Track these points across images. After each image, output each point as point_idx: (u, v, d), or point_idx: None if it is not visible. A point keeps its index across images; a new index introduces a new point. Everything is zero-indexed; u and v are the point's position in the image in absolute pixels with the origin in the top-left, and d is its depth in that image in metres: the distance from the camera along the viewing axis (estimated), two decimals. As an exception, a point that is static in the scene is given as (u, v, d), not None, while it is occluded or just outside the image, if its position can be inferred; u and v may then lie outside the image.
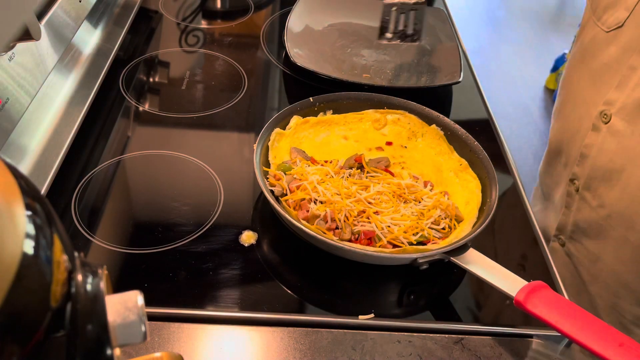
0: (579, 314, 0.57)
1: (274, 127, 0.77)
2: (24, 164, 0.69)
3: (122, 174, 0.78)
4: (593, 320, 0.56)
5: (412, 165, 0.79)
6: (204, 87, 0.95)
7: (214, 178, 0.77)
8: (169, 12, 1.14)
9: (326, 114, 0.83)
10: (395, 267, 0.68)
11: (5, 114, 0.65)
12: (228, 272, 0.65)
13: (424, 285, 0.68)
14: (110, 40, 0.96)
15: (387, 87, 0.92)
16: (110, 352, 0.26)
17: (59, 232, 0.28)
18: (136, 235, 0.69)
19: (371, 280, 0.67)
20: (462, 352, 0.60)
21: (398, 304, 0.66)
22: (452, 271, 0.69)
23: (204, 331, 0.59)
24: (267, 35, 1.10)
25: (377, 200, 0.70)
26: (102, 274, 0.28)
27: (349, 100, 0.83)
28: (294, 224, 0.64)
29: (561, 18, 3.59)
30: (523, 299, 0.57)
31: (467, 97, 0.99)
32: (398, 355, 0.59)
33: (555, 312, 0.56)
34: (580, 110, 0.86)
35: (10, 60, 0.66)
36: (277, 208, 0.66)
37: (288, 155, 0.76)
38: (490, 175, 0.73)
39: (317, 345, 0.59)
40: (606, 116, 0.80)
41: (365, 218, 0.67)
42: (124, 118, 0.87)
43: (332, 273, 0.67)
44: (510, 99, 2.85)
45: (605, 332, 0.54)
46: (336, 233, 0.67)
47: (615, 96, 0.78)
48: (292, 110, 0.80)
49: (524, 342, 0.62)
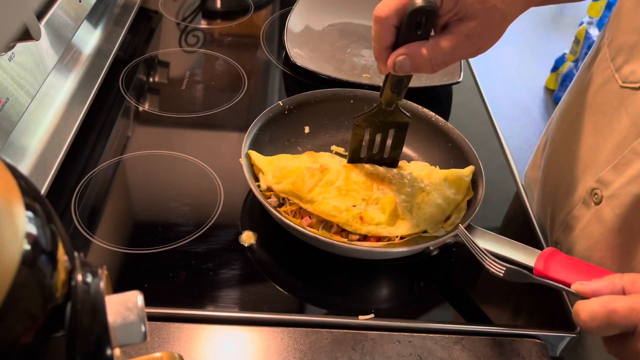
0: (596, 271, 0.58)
1: (249, 146, 0.75)
2: (24, 164, 0.69)
3: (122, 174, 0.78)
4: (608, 272, 0.57)
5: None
6: (203, 87, 0.95)
7: (214, 178, 0.77)
8: (169, 12, 1.14)
9: (304, 129, 0.82)
10: (395, 263, 0.68)
11: (5, 114, 0.65)
12: (228, 272, 0.65)
13: (425, 276, 0.68)
14: (110, 40, 0.96)
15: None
16: (110, 352, 0.26)
17: (59, 232, 0.28)
18: (136, 235, 0.69)
19: (372, 278, 0.67)
20: (462, 352, 0.60)
21: (400, 297, 0.67)
22: (450, 261, 0.69)
23: (204, 331, 0.59)
24: (267, 35, 1.10)
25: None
26: (102, 274, 0.28)
27: (317, 99, 0.82)
28: (301, 232, 0.65)
29: (561, 18, 3.59)
30: (543, 268, 0.59)
31: (467, 97, 0.99)
32: (398, 355, 0.59)
33: (574, 273, 0.57)
34: (577, 168, 0.72)
35: (10, 60, 0.66)
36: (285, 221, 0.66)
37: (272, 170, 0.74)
38: (473, 158, 0.75)
39: (317, 345, 0.59)
40: (597, 196, 0.67)
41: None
42: (124, 118, 0.87)
43: (332, 272, 0.67)
44: (510, 99, 2.85)
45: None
46: (343, 235, 0.68)
47: (610, 177, 0.64)
48: (266, 117, 0.78)
49: (524, 342, 0.62)
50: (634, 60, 0.62)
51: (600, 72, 0.69)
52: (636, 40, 0.62)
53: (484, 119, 0.94)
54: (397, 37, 0.58)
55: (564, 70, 2.83)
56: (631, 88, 0.62)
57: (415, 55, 0.57)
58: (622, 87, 0.64)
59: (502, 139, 0.90)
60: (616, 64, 0.65)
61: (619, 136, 0.63)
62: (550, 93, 2.93)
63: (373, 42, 0.59)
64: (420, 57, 0.57)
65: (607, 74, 0.67)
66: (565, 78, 2.80)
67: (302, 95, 0.82)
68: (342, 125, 0.83)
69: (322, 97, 0.83)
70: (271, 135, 0.78)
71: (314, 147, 0.81)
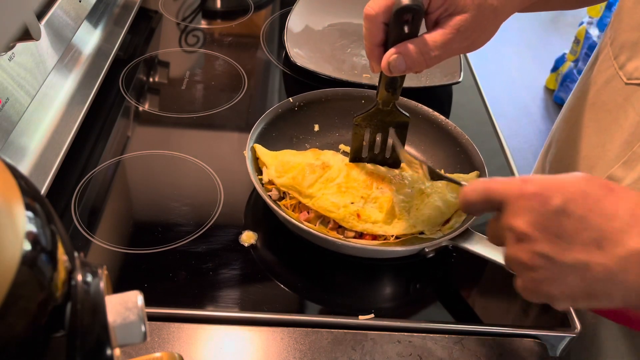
0: None
1: (255, 140, 0.75)
2: (24, 164, 0.69)
3: (122, 174, 0.78)
4: None
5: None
6: (203, 87, 0.95)
7: (214, 178, 0.77)
8: (169, 12, 1.14)
9: (314, 127, 0.82)
10: (394, 263, 0.68)
11: (5, 114, 0.65)
12: (228, 272, 0.65)
13: (423, 276, 0.68)
14: (110, 40, 0.96)
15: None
16: (110, 352, 0.26)
17: (59, 232, 0.28)
18: (136, 235, 0.69)
19: (372, 278, 0.67)
20: (462, 352, 0.60)
21: (400, 296, 0.67)
22: (450, 261, 0.69)
23: (204, 331, 0.59)
24: (267, 35, 1.10)
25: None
26: (102, 274, 0.28)
27: (327, 97, 0.83)
28: (297, 226, 0.65)
29: (561, 18, 3.59)
30: None
31: (467, 97, 0.99)
32: (398, 355, 0.59)
33: None
34: (583, 167, 0.72)
35: (10, 60, 0.66)
36: (281, 214, 0.66)
37: (276, 164, 0.74)
38: (479, 164, 0.75)
39: (317, 345, 0.59)
40: None
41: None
42: (124, 118, 0.87)
43: (333, 272, 0.67)
44: (510, 99, 2.85)
45: None
46: (339, 232, 0.67)
47: (620, 174, 0.64)
48: (274, 113, 0.79)
49: (524, 342, 0.62)
50: (638, 57, 0.62)
51: (603, 71, 0.69)
52: (638, 37, 0.62)
53: (484, 119, 0.94)
54: (388, 35, 0.58)
55: (564, 70, 2.83)
56: (637, 84, 0.62)
57: (408, 53, 0.57)
58: (627, 84, 0.64)
59: (502, 139, 0.90)
60: (620, 62, 0.65)
61: (626, 132, 0.63)
62: (550, 93, 2.93)
63: (365, 40, 0.60)
64: (413, 54, 0.57)
65: (611, 72, 0.67)
66: (565, 78, 2.80)
67: (312, 93, 0.83)
68: (351, 124, 0.83)
69: (333, 96, 0.83)
70: (279, 131, 0.79)
71: (322, 145, 0.81)
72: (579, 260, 0.41)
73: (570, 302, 0.44)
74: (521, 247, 0.44)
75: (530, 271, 0.44)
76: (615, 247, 0.41)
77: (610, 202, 0.42)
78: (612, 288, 0.41)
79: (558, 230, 0.42)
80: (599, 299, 0.42)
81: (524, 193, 0.44)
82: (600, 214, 0.42)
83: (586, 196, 0.42)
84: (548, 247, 0.42)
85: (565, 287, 0.43)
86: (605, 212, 0.42)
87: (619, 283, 0.41)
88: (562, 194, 0.42)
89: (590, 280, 0.41)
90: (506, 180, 0.47)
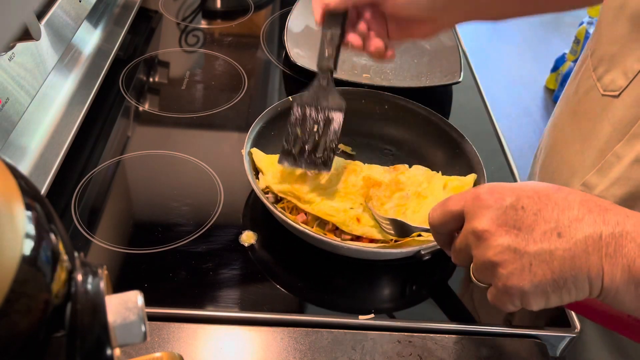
0: None
1: (254, 138, 0.75)
2: (24, 164, 0.69)
3: (122, 174, 0.78)
4: None
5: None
6: (203, 87, 0.95)
7: (214, 178, 0.77)
8: (169, 12, 1.14)
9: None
10: (394, 264, 0.68)
11: (5, 114, 0.65)
12: (228, 272, 0.65)
13: (423, 277, 0.68)
14: (110, 40, 0.96)
15: (387, 87, 0.92)
16: (110, 352, 0.26)
17: (59, 232, 0.28)
18: (136, 235, 0.69)
19: (372, 278, 0.67)
20: (462, 352, 0.60)
21: (400, 297, 0.67)
22: (450, 262, 0.69)
23: (204, 331, 0.59)
24: (267, 35, 1.10)
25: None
26: (102, 274, 0.28)
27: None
28: (295, 228, 0.65)
29: (561, 18, 3.59)
30: None
31: (467, 97, 0.99)
32: (398, 355, 0.59)
33: None
34: (566, 173, 0.73)
35: (10, 60, 0.66)
36: (280, 216, 0.66)
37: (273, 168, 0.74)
38: (478, 167, 0.75)
39: (317, 345, 0.59)
40: None
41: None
42: (124, 118, 0.87)
43: (332, 272, 0.67)
44: (510, 99, 2.85)
45: None
46: (337, 233, 0.67)
47: (594, 181, 0.66)
48: (273, 112, 0.79)
49: (524, 342, 0.62)
50: (614, 70, 0.65)
51: (584, 80, 0.71)
52: (616, 50, 0.64)
53: (484, 119, 0.94)
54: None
55: (564, 70, 2.83)
56: (611, 96, 0.65)
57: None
58: (603, 95, 0.67)
59: (502, 139, 0.90)
60: (598, 74, 0.68)
61: (602, 141, 0.66)
62: (550, 93, 2.93)
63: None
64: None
65: (590, 82, 0.70)
66: (565, 78, 2.80)
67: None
68: (351, 124, 0.83)
69: None
70: (279, 130, 0.78)
71: None
72: (542, 249, 0.44)
73: (542, 296, 0.45)
74: (485, 244, 0.46)
75: (497, 268, 0.45)
76: (574, 233, 0.43)
77: (560, 196, 0.45)
78: (578, 274, 0.43)
79: (517, 224, 0.45)
80: (568, 288, 0.44)
81: (479, 194, 0.47)
82: (553, 207, 0.45)
83: (538, 193, 0.46)
84: (510, 239, 0.44)
85: (534, 277, 0.44)
86: (558, 205, 0.45)
87: (584, 267, 0.43)
88: (514, 192, 0.46)
89: (556, 267, 0.43)
90: (462, 192, 0.50)
